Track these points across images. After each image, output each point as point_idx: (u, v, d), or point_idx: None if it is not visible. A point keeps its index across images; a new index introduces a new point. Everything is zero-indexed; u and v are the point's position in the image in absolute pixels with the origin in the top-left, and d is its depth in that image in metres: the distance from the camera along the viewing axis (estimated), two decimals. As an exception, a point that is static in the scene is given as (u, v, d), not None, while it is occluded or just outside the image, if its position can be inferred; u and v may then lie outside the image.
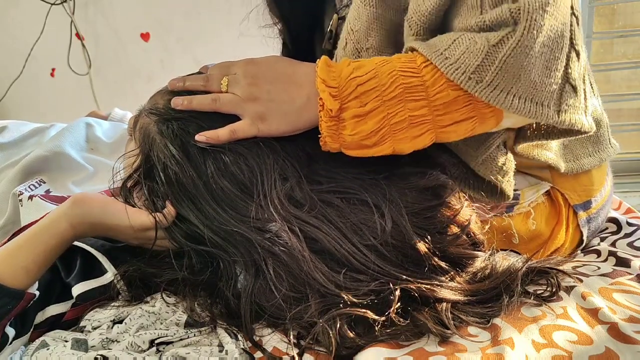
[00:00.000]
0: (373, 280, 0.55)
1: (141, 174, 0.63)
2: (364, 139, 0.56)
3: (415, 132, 0.56)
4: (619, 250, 0.72)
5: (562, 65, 0.55)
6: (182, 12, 1.90)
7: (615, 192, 0.92)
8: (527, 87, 0.53)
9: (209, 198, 0.59)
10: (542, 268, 0.61)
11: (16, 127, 1.09)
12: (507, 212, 0.72)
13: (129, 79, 2.00)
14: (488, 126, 0.59)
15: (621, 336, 0.51)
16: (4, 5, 2.02)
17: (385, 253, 0.56)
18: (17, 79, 2.04)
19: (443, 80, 0.54)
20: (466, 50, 0.53)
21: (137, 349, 0.55)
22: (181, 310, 0.60)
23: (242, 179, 0.59)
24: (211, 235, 0.60)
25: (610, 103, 1.78)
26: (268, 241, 0.57)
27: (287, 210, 0.56)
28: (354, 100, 0.55)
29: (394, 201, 0.57)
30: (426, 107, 0.55)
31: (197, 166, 0.60)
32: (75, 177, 0.90)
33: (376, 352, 0.52)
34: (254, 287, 0.58)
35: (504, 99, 0.53)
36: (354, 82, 0.55)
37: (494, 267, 0.60)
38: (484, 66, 0.52)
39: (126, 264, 0.64)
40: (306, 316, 0.55)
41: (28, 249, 0.58)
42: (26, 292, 0.57)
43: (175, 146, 0.61)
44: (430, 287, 0.55)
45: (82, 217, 0.61)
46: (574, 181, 0.76)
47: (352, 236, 0.56)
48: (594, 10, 1.69)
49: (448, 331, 0.53)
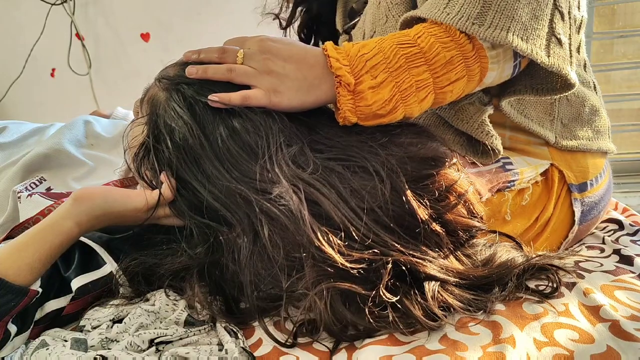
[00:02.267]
0: (367, 249, 0.55)
1: (149, 143, 0.64)
2: (380, 108, 0.61)
3: (421, 96, 0.62)
4: (623, 247, 0.73)
5: (547, 18, 0.62)
6: (182, 13, 1.90)
7: (615, 192, 0.92)
8: (520, 28, 0.60)
9: (213, 158, 0.60)
10: (543, 265, 0.61)
11: (16, 127, 1.09)
12: (509, 186, 0.75)
13: (129, 79, 2.00)
14: (473, 84, 0.64)
15: (623, 334, 0.51)
16: (5, 6, 2.02)
17: (383, 219, 0.57)
18: (17, 79, 2.04)
19: (437, 44, 0.60)
20: (464, 2, 0.61)
21: (137, 348, 0.55)
22: (181, 308, 0.60)
23: (249, 141, 0.60)
24: (211, 201, 0.60)
25: (610, 103, 1.78)
26: (268, 202, 0.57)
27: (292, 171, 0.58)
28: (366, 75, 0.60)
29: (392, 168, 0.59)
30: (427, 71, 0.61)
31: (205, 127, 0.61)
32: (76, 174, 0.90)
33: (375, 350, 0.52)
34: (252, 253, 0.58)
35: (505, 36, 0.59)
36: (363, 59, 0.60)
37: (493, 256, 0.61)
38: (483, 12, 0.60)
39: (127, 257, 0.64)
40: (300, 286, 0.55)
41: (33, 247, 0.58)
42: (30, 289, 0.57)
43: (184, 108, 0.62)
44: (421, 262, 0.56)
45: (87, 213, 0.61)
46: (571, 159, 0.79)
47: (351, 200, 0.57)
48: (594, 10, 1.69)
49: (435, 324, 0.53)
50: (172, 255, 0.63)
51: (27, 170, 0.88)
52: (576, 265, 0.67)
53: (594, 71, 1.75)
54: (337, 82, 0.60)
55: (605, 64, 1.80)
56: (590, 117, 0.82)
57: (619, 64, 1.80)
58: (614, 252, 0.72)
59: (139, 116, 0.68)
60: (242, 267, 0.58)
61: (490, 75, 0.65)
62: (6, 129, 1.07)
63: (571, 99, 0.79)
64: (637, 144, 1.82)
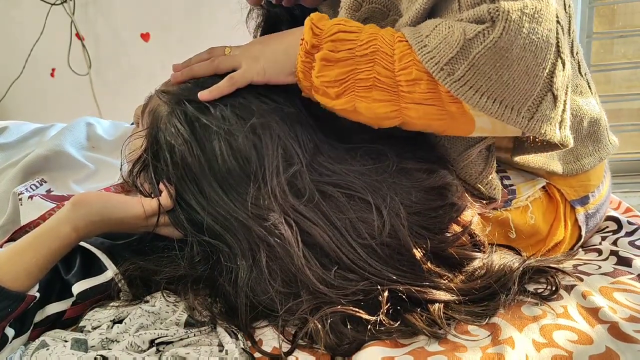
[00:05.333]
0: (363, 279, 0.55)
1: (148, 156, 0.64)
2: (327, 87, 0.58)
3: (378, 96, 0.57)
4: (621, 249, 0.72)
5: (546, 72, 0.54)
6: (182, 12, 1.90)
7: (615, 192, 0.91)
8: (497, 88, 0.53)
9: (212, 179, 0.60)
10: (541, 267, 0.61)
11: (17, 128, 1.09)
12: (505, 206, 0.73)
13: (129, 79, 2.00)
14: (463, 126, 0.59)
15: (622, 335, 0.51)
16: (5, 6, 2.02)
17: (379, 252, 0.56)
18: (17, 79, 2.03)
19: (410, 58, 0.55)
20: (443, 40, 0.53)
21: (137, 349, 0.55)
22: (181, 309, 0.60)
23: (247, 162, 0.59)
24: (211, 223, 0.60)
25: (610, 103, 1.78)
26: (265, 230, 0.57)
27: (286, 201, 0.57)
28: (329, 43, 0.57)
29: (394, 208, 0.57)
30: (391, 78, 0.56)
31: (204, 146, 0.60)
32: (76, 176, 0.90)
33: (375, 351, 0.52)
34: (251, 276, 0.58)
35: (472, 96, 0.53)
36: (337, 27, 0.58)
37: (490, 266, 0.60)
38: (457, 60, 0.52)
39: (126, 262, 0.64)
40: (298, 312, 0.55)
41: (31, 253, 0.58)
42: (27, 295, 0.57)
43: (184, 125, 0.61)
44: (421, 290, 0.55)
45: (84, 219, 0.61)
46: (571, 178, 0.76)
47: (347, 233, 0.56)
48: (594, 10, 1.69)
49: (440, 331, 0.53)
50: (171, 264, 0.62)
51: (27, 172, 0.87)
52: (574, 269, 0.67)
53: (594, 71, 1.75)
54: (300, 39, 0.59)
55: (605, 64, 1.80)
56: (589, 129, 0.76)
57: (619, 64, 1.80)
58: (611, 253, 0.72)
59: (139, 129, 0.67)
60: (238, 290, 0.58)
61: (483, 121, 0.58)
62: (7, 130, 1.07)
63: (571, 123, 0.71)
64: (637, 144, 1.82)
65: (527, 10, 0.51)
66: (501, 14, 0.51)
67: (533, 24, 0.52)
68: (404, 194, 0.59)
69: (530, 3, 0.52)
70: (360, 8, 0.65)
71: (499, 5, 0.51)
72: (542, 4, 0.52)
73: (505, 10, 0.51)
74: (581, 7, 1.67)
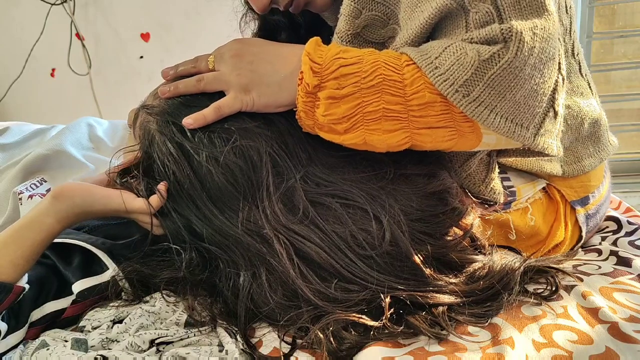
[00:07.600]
0: (364, 289, 0.55)
1: (140, 170, 0.63)
2: (335, 123, 0.55)
3: (388, 126, 0.55)
4: (620, 250, 0.72)
5: (550, 89, 0.54)
6: (182, 12, 1.90)
7: (615, 192, 0.91)
8: (510, 107, 0.53)
9: (205, 198, 0.59)
10: (541, 267, 0.61)
11: (18, 128, 1.09)
12: (505, 208, 0.72)
13: (129, 79, 2.01)
14: (469, 142, 0.58)
15: (621, 335, 0.51)
16: (4, 6, 2.02)
17: (380, 262, 0.56)
18: (17, 79, 2.04)
19: (422, 81, 0.54)
20: (456, 61, 0.52)
21: (137, 349, 0.55)
22: (181, 309, 0.60)
23: (236, 184, 0.58)
24: (211, 234, 0.60)
25: (610, 103, 1.78)
26: (263, 247, 0.57)
27: (278, 221, 0.56)
28: (333, 81, 0.55)
29: (394, 214, 0.57)
30: (401, 104, 0.54)
31: (194, 166, 0.59)
32: (76, 176, 0.90)
33: (376, 351, 0.52)
34: (251, 288, 0.58)
35: (487, 116, 0.53)
36: (338, 62, 0.55)
37: (491, 267, 0.60)
38: (472, 81, 0.52)
39: (124, 264, 0.64)
40: (299, 322, 0.55)
41: (14, 245, 0.58)
42: (14, 285, 0.57)
43: (173, 144, 0.60)
44: (424, 295, 0.55)
45: (66, 211, 0.61)
46: (571, 179, 0.76)
47: (345, 247, 0.55)
48: (594, 10, 1.69)
49: (443, 332, 0.53)
50: (169, 267, 0.62)
51: (27, 171, 0.88)
52: (574, 269, 0.67)
53: (594, 71, 1.74)
54: (298, 78, 0.56)
55: (605, 64, 1.80)
56: (590, 130, 0.76)
57: (619, 64, 1.80)
58: (611, 254, 0.72)
59: (130, 145, 0.67)
60: (238, 301, 0.58)
61: (490, 137, 0.58)
62: (8, 130, 1.07)
63: (572, 124, 0.74)
64: (637, 144, 1.82)
65: (537, 31, 0.51)
66: (514, 35, 0.50)
67: (543, 43, 0.52)
68: (405, 200, 0.58)
69: (540, 23, 0.52)
70: (360, 15, 0.63)
71: (511, 26, 0.51)
72: (550, 23, 0.52)
73: (518, 31, 0.50)
74: (581, 7, 1.67)
